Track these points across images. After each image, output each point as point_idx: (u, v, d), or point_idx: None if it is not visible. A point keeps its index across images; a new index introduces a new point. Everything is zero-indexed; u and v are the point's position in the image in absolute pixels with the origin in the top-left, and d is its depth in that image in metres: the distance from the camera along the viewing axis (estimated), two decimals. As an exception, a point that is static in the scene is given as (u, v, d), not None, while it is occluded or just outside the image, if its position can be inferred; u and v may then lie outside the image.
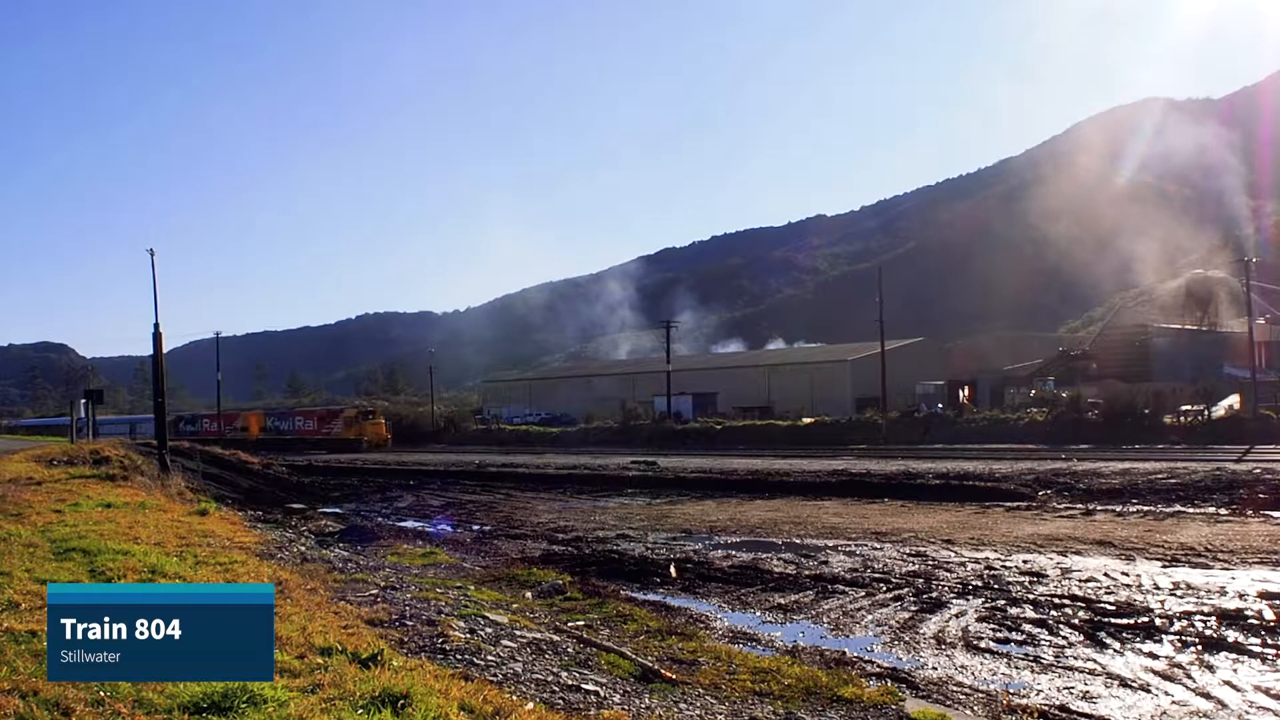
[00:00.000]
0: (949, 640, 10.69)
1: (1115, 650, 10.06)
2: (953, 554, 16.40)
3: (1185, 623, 10.98)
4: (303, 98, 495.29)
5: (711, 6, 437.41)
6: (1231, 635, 10.41)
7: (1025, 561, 15.42)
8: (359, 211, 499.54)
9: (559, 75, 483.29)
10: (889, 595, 13.13)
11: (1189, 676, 9.10)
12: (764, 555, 16.93)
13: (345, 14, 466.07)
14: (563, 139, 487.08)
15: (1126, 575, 13.96)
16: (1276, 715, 8.10)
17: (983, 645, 10.45)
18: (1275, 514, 20.52)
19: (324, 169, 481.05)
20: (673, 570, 15.33)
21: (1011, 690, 8.82)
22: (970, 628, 11.18)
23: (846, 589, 13.65)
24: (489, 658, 7.60)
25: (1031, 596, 12.67)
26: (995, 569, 14.78)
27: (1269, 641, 10.15)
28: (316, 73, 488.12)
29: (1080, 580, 13.69)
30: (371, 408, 75.66)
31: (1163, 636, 10.49)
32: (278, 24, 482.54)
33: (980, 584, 13.63)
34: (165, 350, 32.27)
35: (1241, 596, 12.25)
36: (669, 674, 8.20)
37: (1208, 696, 8.52)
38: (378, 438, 66.03)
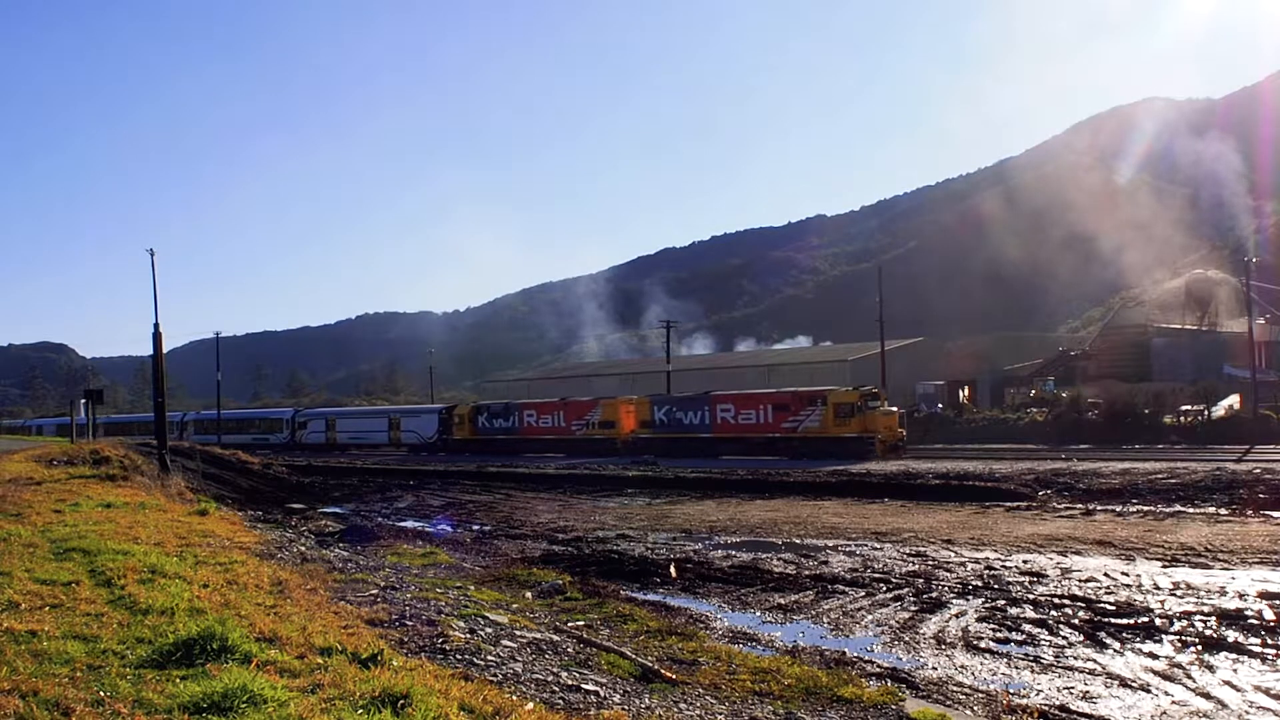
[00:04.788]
0: (949, 640, 10.69)
1: (1115, 650, 10.07)
2: (953, 554, 16.40)
3: (1185, 623, 10.98)
4: (303, 98, 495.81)
5: (712, 8, 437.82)
6: (1231, 635, 10.41)
7: (1025, 561, 15.43)
8: (359, 212, 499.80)
9: (560, 79, 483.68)
10: (889, 595, 13.13)
11: (1189, 676, 9.10)
12: (764, 555, 16.93)
13: (348, 15, 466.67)
14: (561, 141, 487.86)
15: (1126, 575, 13.96)
16: (1276, 715, 8.09)
17: (983, 645, 10.46)
18: (1275, 514, 20.53)
19: (324, 169, 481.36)
20: (673, 570, 15.33)
21: (1011, 690, 8.82)
22: (970, 628, 11.18)
23: (846, 589, 13.66)
24: (489, 658, 7.59)
25: (1031, 596, 12.67)
26: (995, 569, 14.78)
27: (1269, 641, 10.16)
28: (317, 74, 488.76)
29: (1080, 580, 13.69)
30: (874, 389, 44.81)
31: (1163, 636, 10.50)
32: (278, 24, 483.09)
33: (980, 584, 13.64)
34: (165, 350, 32.31)
35: (1241, 596, 12.26)
36: (669, 674, 8.19)
37: (1208, 696, 8.52)
38: (893, 435, 41.10)
